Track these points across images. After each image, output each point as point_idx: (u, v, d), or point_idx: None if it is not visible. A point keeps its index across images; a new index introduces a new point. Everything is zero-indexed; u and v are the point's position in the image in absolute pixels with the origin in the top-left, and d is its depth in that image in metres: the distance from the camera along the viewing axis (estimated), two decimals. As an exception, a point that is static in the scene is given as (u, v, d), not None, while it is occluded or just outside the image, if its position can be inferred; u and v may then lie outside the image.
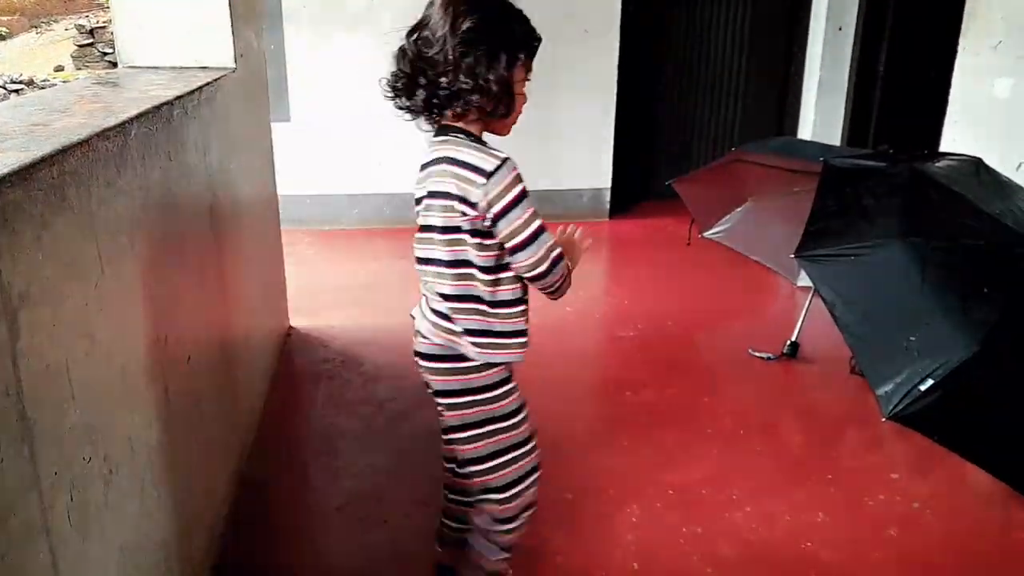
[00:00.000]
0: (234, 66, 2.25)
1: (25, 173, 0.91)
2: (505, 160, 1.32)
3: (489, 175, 1.29)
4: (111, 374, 1.17)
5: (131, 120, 1.31)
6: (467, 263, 1.36)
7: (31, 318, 0.91)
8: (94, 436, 1.09)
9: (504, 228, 1.32)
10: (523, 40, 1.40)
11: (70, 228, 1.03)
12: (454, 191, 1.31)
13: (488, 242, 1.34)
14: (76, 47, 11.14)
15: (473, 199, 1.30)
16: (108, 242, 1.17)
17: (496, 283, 1.38)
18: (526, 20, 1.43)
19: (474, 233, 1.33)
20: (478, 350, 1.40)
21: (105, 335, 1.15)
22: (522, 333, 1.45)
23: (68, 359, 1.01)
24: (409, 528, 1.98)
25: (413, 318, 1.50)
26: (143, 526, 1.30)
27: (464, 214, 1.32)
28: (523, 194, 1.32)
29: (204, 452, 1.72)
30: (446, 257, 1.37)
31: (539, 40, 1.44)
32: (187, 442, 1.58)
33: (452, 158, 1.33)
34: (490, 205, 1.30)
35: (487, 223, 1.32)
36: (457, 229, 1.34)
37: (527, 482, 1.52)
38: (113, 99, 1.57)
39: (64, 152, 1.03)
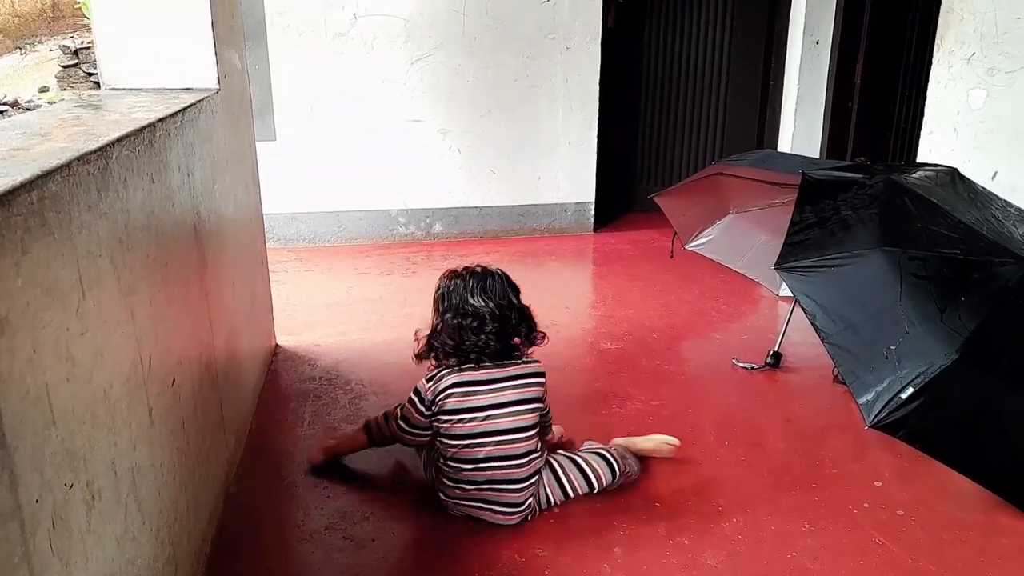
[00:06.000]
0: (217, 87, 2.25)
1: (4, 199, 0.91)
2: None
3: None
4: (93, 398, 1.17)
5: (113, 143, 1.31)
6: None
7: (10, 344, 0.91)
8: (76, 461, 1.09)
9: None
10: None
11: (50, 253, 1.04)
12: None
13: None
14: (61, 68, 11.09)
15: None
16: (89, 266, 1.17)
17: None
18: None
19: None
20: None
21: (87, 359, 1.15)
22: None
23: (48, 384, 1.01)
24: (397, 547, 1.97)
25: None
26: (127, 550, 1.29)
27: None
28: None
29: (189, 473, 1.71)
30: None
31: None
32: (172, 464, 1.58)
33: None
34: None
35: None
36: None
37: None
38: (95, 122, 1.57)
39: (44, 177, 1.03)
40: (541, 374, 2.05)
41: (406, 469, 2.28)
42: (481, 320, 1.95)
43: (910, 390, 1.94)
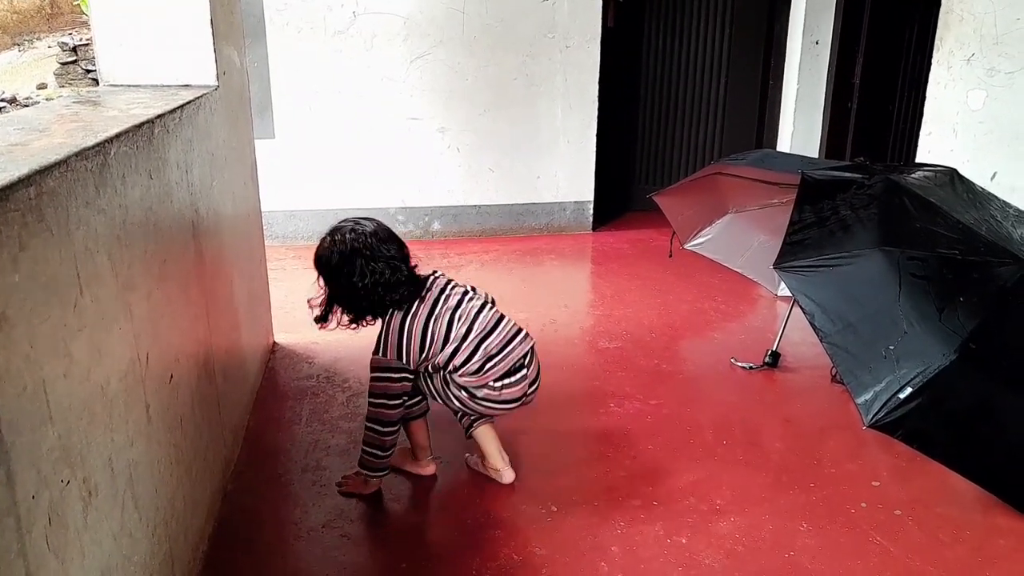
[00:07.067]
0: (216, 84, 2.25)
1: (1, 194, 0.91)
2: None
3: None
4: (90, 395, 1.17)
5: (111, 139, 1.31)
6: None
7: (7, 340, 0.91)
8: (73, 458, 1.09)
9: None
10: None
11: (48, 249, 1.04)
12: None
13: None
14: (59, 64, 11.09)
15: None
16: (87, 262, 1.17)
17: None
18: None
19: None
20: None
21: (84, 356, 1.14)
22: None
23: (46, 381, 1.01)
24: (394, 544, 1.97)
25: None
26: (124, 547, 1.29)
27: None
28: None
29: (187, 470, 1.71)
30: None
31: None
32: (169, 461, 1.58)
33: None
34: None
35: None
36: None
37: None
38: (93, 118, 1.57)
39: (42, 173, 1.03)
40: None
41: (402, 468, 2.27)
42: (393, 268, 2.00)
43: (908, 390, 1.94)
